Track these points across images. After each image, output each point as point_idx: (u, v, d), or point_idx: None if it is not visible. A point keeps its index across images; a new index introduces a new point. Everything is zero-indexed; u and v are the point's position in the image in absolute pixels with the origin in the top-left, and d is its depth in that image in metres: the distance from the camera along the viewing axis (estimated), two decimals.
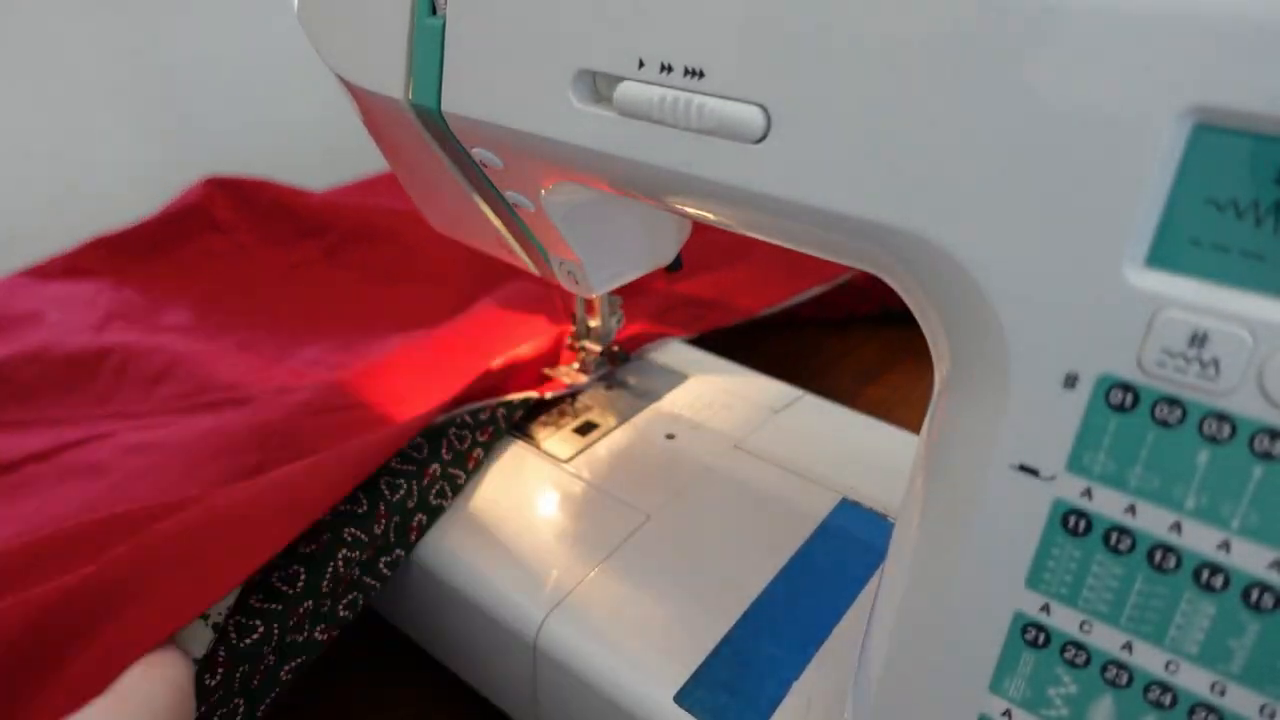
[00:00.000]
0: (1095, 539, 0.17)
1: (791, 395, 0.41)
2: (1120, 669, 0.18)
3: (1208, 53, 0.14)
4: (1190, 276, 0.15)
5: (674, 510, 0.34)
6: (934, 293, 0.19)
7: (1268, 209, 0.14)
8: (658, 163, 0.21)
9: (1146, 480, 0.16)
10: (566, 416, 0.40)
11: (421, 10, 0.25)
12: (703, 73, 0.20)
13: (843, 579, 0.30)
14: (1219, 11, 0.14)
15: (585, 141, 0.23)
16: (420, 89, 0.26)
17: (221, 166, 0.71)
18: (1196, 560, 0.16)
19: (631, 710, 0.26)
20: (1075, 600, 0.18)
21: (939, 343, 0.20)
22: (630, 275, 0.37)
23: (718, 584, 0.30)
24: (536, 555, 0.32)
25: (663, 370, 0.43)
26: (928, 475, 0.21)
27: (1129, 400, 0.16)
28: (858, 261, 0.21)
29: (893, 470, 0.35)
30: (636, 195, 0.25)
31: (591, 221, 0.32)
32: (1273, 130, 0.14)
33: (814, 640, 0.28)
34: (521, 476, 0.36)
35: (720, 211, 0.23)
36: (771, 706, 0.26)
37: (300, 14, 0.30)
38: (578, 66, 0.22)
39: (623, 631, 0.28)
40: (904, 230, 0.18)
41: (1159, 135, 0.15)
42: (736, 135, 0.19)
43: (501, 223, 0.33)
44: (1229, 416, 0.15)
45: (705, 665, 0.27)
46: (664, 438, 0.38)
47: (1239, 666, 0.16)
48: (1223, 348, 0.15)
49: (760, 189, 0.20)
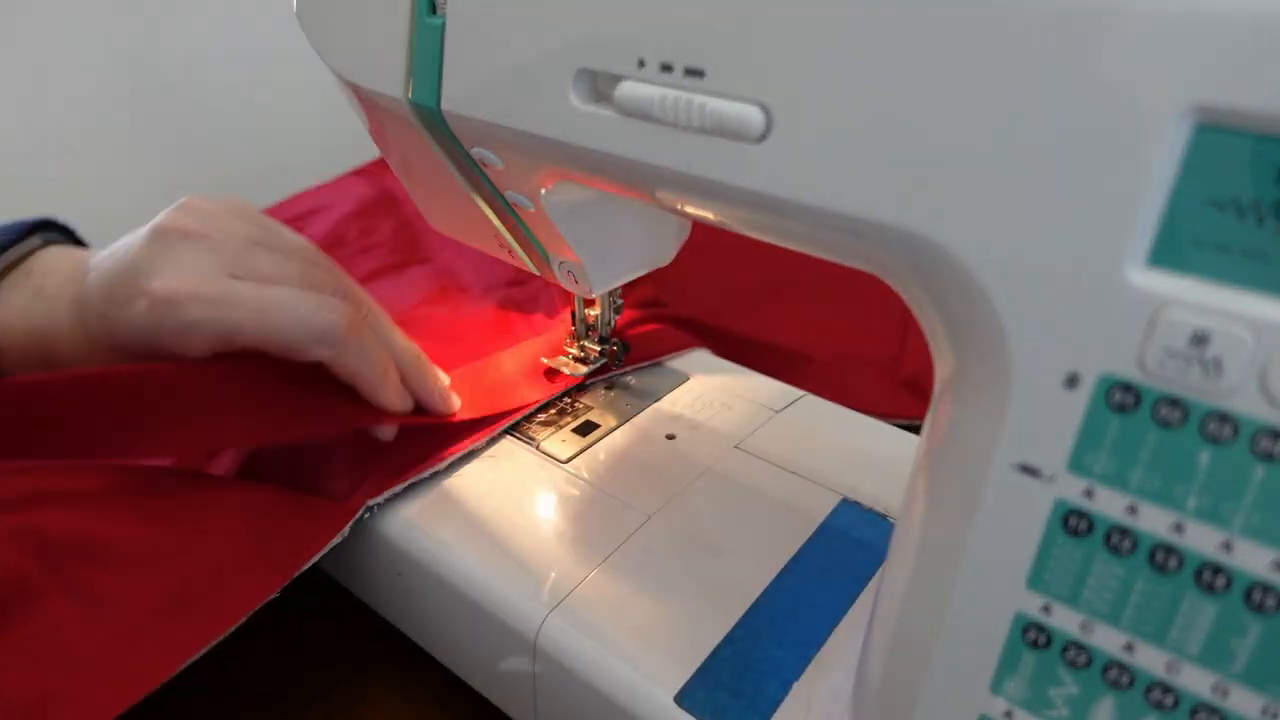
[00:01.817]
0: (1096, 539, 0.17)
1: (791, 395, 0.41)
2: (1122, 670, 0.18)
3: (1209, 52, 0.14)
4: (1192, 276, 0.15)
5: (674, 510, 0.33)
6: (934, 293, 0.19)
7: (1269, 208, 0.14)
8: (658, 162, 0.21)
9: (1148, 480, 0.16)
10: (566, 416, 0.40)
11: (421, 9, 0.25)
12: (703, 72, 0.20)
13: (843, 579, 0.30)
14: (1220, 11, 0.14)
15: (585, 141, 0.23)
16: (420, 88, 0.26)
17: (220, 167, 0.71)
18: (1198, 561, 0.16)
19: (631, 710, 0.26)
20: (1076, 601, 0.18)
21: (939, 343, 0.20)
22: (630, 275, 0.37)
23: (718, 584, 0.30)
24: (536, 555, 0.32)
25: (663, 370, 0.43)
26: (928, 475, 0.21)
27: (1130, 400, 0.16)
28: (858, 261, 0.21)
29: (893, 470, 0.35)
30: (636, 195, 0.25)
31: (591, 221, 0.32)
32: (1274, 130, 0.14)
33: (814, 640, 0.28)
34: (521, 477, 0.36)
35: (720, 211, 0.23)
36: (772, 707, 0.26)
37: (300, 13, 0.30)
38: (578, 66, 0.22)
39: (623, 631, 0.28)
40: (904, 230, 0.18)
41: (1160, 134, 0.15)
42: (737, 135, 0.19)
43: (501, 222, 0.33)
44: (1230, 417, 0.15)
45: (705, 665, 0.27)
46: (664, 438, 0.38)
47: (1241, 667, 0.16)
48: (1224, 348, 0.15)
49: (760, 189, 0.20)
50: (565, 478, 0.36)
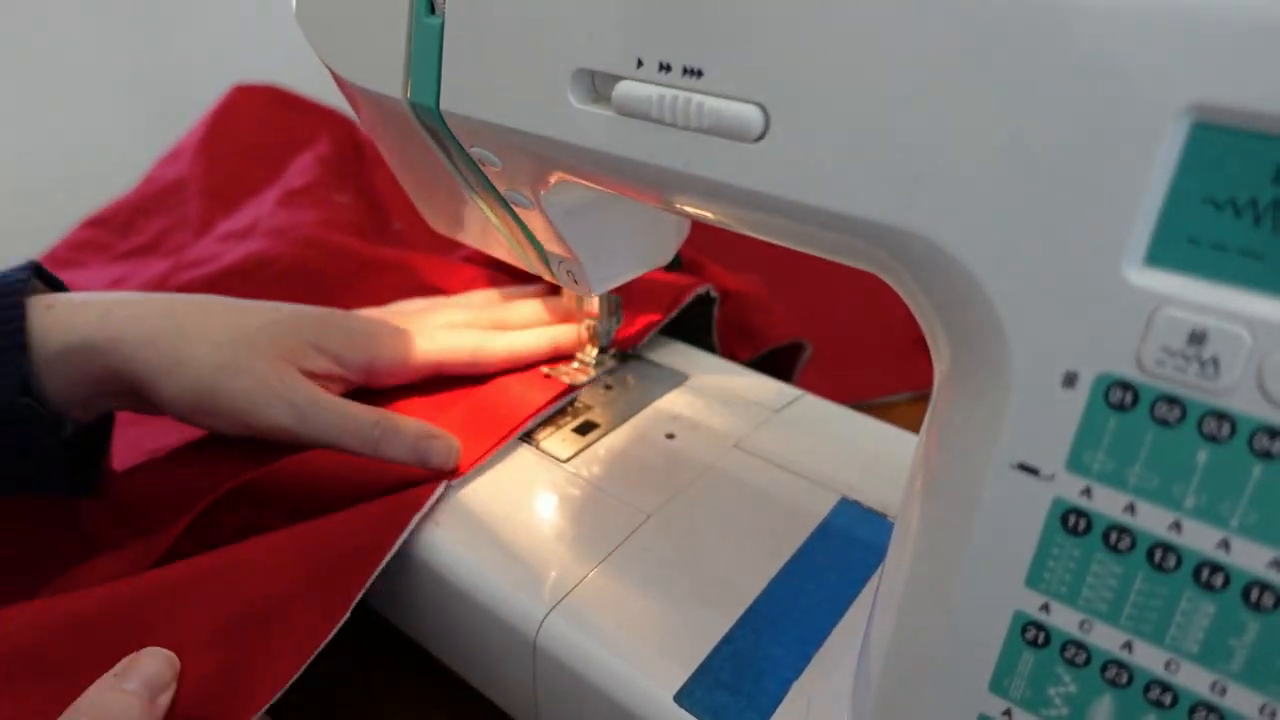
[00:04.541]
0: (1095, 538, 0.17)
1: (791, 395, 0.41)
2: (1120, 668, 0.18)
3: (1206, 51, 0.14)
4: (1189, 275, 0.15)
5: (674, 510, 0.34)
6: (933, 292, 0.19)
7: (1266, 207, 0.14)
8: (656, 162, 0.21)
9: (1146, 479, 0.16)
10: (566, 416, 0.40)
11: (420, 9, 0.25)
12: (701, 72, 0.20)
13: (843, 579, 0.30)
14: (1218, 10, 0.14)
15: (584, 141, 0.23)
16: (419, 88, 0.26)
17: None
18: (1196, 559, 0.16)
19: (631, 710, 0.26)
20: (1075, 600, 0.18)
21: (938, 342, 0.20)
22: (629, 275, 0.37)
23: (718, 584, 0.30)
24: (536, 555, 0.32)
25: (663, 370, 0.43)
26: (927, 475, 0.21)
27: (1128, 399, 0.16)
28: (857, 261, 0.21)
29: (893, 470, 0.35)
30: (635, 194, 0.25)
31: (590, 221, 0.32)
32: (1271, 128, 0.14)
33: (814, 640, 0.28)
34: (521, 476, 0.36)
35: (719, 211, 0.23)
36: (772, 706, 0.26)
37: (298, 14, 0.30)
38: (576, 65, 0.22)
39: (623, 631, 0.28)
40: (903, 229, 0.18)
41: (1158, 133, 0.15)
42: (735, 134, 0.19)
43: (500, 222, 0.33)
44: (1228, 415, 0.15)
45: (705, 665, 0.27)
46: (664, 438, 0.38)
47: (1239, 666, 0.16)
48: (1222, 346, 0.15)
49: (759, 188, 0.20)
50: (565, 477, 0.36)
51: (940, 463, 0.20)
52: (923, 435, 0.22)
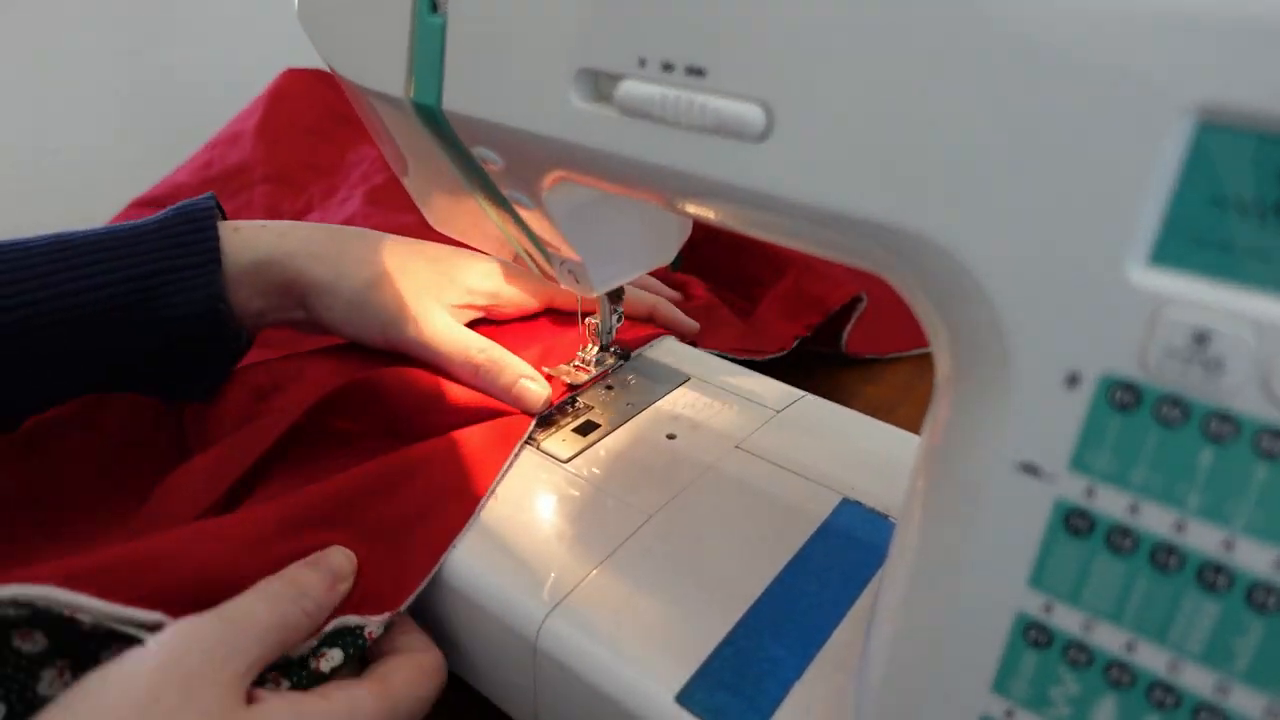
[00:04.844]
0: (1098, 538, 0.17)
1: (792, 395, 0.41)
2: (1123, 669, 0.18)
3: (1211, 51, 0.14)
4: (1193, 275, 0.15)
5: (674, 510, 0.33)
6: (935, 292, 0.19)
7: (1270, 207, 0.14)
8: (659, 162, 0.21)
9: (1149, 480, 0.16)
10: (566, 416, 0.40)
11: (422, 8, 0.25)
12: (704, 71, 0.20)
13: (844, 579, 0.30)
14: (1223, 10, 0.14)
15: (586, 140, 0.23)
16: (421, 87, 0.26)
17: None
18: (1200, 560, 0.16)
19: (632, 710, 0.26)
20: (1078, 600, 0.18)
21: (940, 342, 0.20)
22: (631, 274, 0.37)
23: (718, 584, 0.30)
24: (536, 555, 0.32)
25: (663, 370, 0.43)
26: (929, 475, 0.21)
27: (1131, 399, 0.16)
28: (859, 260, 0.21)
29: (894, 470, 0.35)
30: (637, 194, 0.25)
31: (592, 220, 0.32)
32: (1276, 129, 0.14)
33: (815, 640, 0.28)
34: (521, 476, 0.36)
35: (721, 210, 0.23)
36: (773, 706, 0.26)
37: (301, 13, 0.30)
38: (579, 65, 0.22)
39: (623, 631, 0.28)
40: (905, 229, 0.18)
41: (1163, 133, 0.15)
42: (737, 134, 0.19)
43: (502, 222, 0.33)
44: (1232, 416, 0.15)
45: (706, 665, 0.27)
46: (664, 438, 0.38)
47: (1243, 667, 0.16)
48: (1226, 347, 0.15)
49: (761, 188, 0.20)
50: (566, 477, 0.36)
51: (942, 463, 0.20)
52: (925, 435, 0.22)
